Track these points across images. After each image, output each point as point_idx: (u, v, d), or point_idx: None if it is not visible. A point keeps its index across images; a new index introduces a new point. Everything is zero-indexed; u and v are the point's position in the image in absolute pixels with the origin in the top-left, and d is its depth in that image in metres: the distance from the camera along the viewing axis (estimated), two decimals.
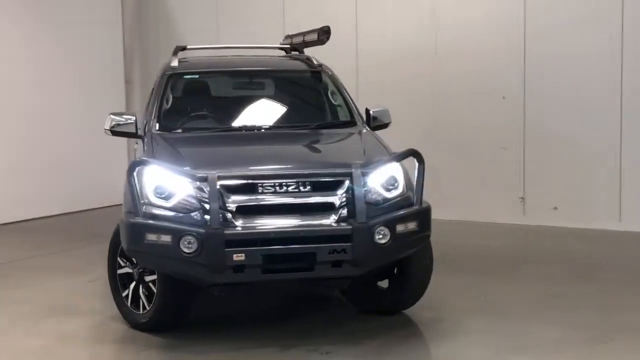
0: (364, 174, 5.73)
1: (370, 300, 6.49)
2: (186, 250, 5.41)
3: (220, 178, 5.53)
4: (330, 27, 7.75)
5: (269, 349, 5.72)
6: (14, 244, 9.92)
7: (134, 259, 5.99)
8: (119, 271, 6.26)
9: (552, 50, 10.17)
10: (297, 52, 8.12)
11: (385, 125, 7.24)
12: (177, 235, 5.42)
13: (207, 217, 5.49)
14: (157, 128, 6.72)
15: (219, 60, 7.84)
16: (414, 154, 5.94)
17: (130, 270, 6.18)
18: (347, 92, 7.30)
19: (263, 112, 7.20)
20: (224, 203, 5.54)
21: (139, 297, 6.15)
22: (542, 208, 10.38)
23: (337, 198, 5.67)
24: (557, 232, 9.92)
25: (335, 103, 7.23)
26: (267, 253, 5.45)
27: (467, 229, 10.32)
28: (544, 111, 10.32)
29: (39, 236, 10.39)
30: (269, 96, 7.48)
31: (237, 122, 7.02)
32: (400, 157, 5.97)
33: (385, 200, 5.85)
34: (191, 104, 7.15)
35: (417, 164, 5.90)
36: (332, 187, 5.68)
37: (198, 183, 5.55)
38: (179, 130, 6.78)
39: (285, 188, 5.64)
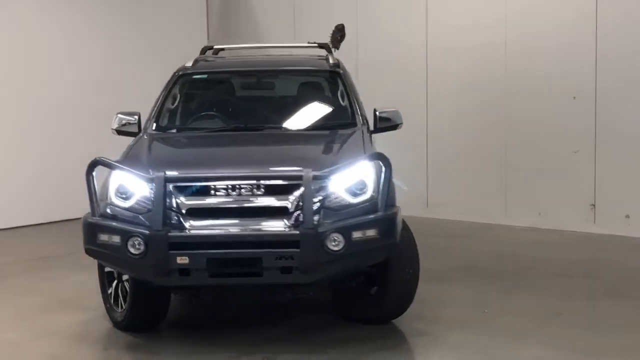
0: (320, 178, 5.52)
1: (355, 308, 6.27)
2: (133, 252, 5.41)
3: (169, 179, 5.50)
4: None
5: (222, 355, 5.63)
6: (59, 240, 10.23)
7: None
8: (106, 269, 6.34)
9: (625, 48, 9.49)
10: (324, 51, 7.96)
11: (395, 127, 6.98)
12: (125, 236, 5.43)
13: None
14: (153, 128, 6.78)
15: (237, 60, 7.83)
16: (379, 157, 5.68)
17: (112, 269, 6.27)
18: (355, 92, 7.08)
19: (261, 113, 7.12)
20: (177, 205, 5.50)
21: (119, 295, 6.22)
22: (613, 216, 9.71)
23: (290, 202, 5.50)
24: (628, 243, 9.24)
25: (342, 104, 7.03)
26: (211, 257, 5.35)
27: (531, 236, 9.78)
28: (616, 113, 9.65)
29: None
30: (273, 97, 7.41)
31: (231, 123, 6.97)
32: (367, 159, 5.71)
33: (350, 205, 5.62)
34: (193, 105, 7.18)
35: (383, 168, 5.64)
36: (285, 191, 5.52)
37: (151, 184, 5.53)
38: (173, 130, 6.81)
39: (238, 191, 5.53)
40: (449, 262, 8.39)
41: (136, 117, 6.84)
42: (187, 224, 5.48)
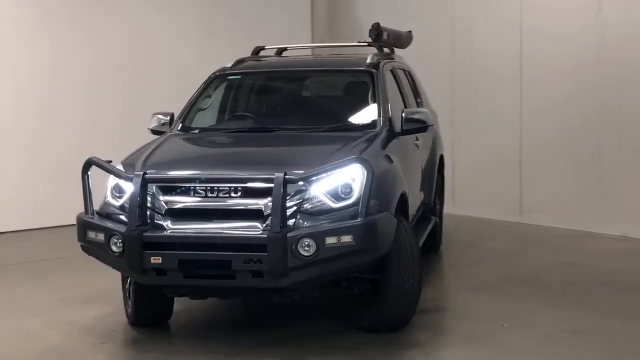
0: (295, 181, 5.42)
1: (358, 316, 6.12)
2: (114, 250, 5.55)
3: (149, 180, 5.58)
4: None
5: (203, 357, 5.68)
6: None
7: None
8: None
9: None
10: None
11: (424, 129, 6.74)
12: (108, 234, 5.58)
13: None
14: (178, 128, 6.91)
15: (274, 61, 7.78)
16: (360, 161, 5.50)
17: None
18: (384, 93, 6.86)
19: (281, 114, 7.11)
20: (158, 205, 5.58)
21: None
22: None
23: (264, 205, 5.44)
24: None
25: (368, 105, 6.85)
26: (183, 258, 5.39)
27: (616, 246, 9.07)
28: None
29: None
30: (299, 97, 7.33)
31: (249, 124, 6.99)
32: (342, 165, 5.54)
33: (332, 210, 5.49)
34: (220, 105, 7.23)
35: (364, 173, 5.46)
36: (260, 194, 5.46)
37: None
38: (196, 131, 6.90)
39: (216, 193, 5.53)
40: (507, 270, 8.02)
41: (169, 117, 6.98)
42: (165, 224, 5.55)
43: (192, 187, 5.58)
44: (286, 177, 5.37)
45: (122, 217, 5.65)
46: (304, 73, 7.44)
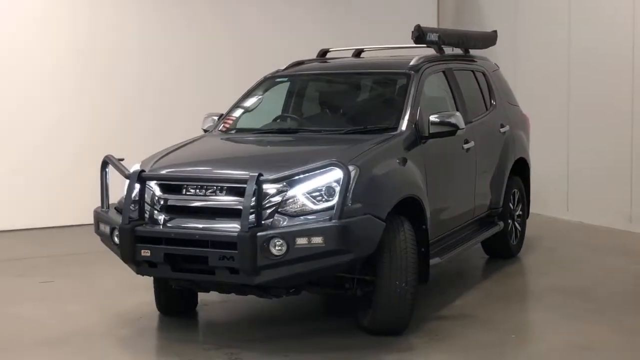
0: (269, 182, 5.58)
1: (359, 317, 6.19)
2: (116, 241, 5.98)
3: (144, 177, 5.95)
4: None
5: (199, 346, 6.01)
6: None
7: None
8: None
9: None
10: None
11: (452, 132, 6.64)
12: (111, 227, 6.03)
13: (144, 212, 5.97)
14: (220, 128, 7.25)
15: (322, 64, 7.87)
16: (336, 164, 5.56)
17: None
18: (417, 96, 6.79)
19: (313, 116, 7.26)
20: (155, 200, 5.95)
21: None
22: None
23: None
24: None
25: (398, 107, 6.81)
26: (168, 252, 5.71)
27: None
28: None
29: None
30: (334, 100, 7.42)
31: (278, 126, 7.20)
32: (319, 167, 5.62)
33: (312, 211, 5.61)
34: (261, 107, 7.46)
35: (342, 175, 5.53)
36: (241, 193, 5.67)
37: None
38: (233, 132, 7.20)
39: (204, 191, 5.81)
40: (562, 280, 7.70)
41: (216, 117, 7.35)
42: (159, 220, 5.89)
43: (184, 185, 5.88)
44: (260, 177, 5.54)
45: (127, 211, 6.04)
46: (343, 76, 7.53)
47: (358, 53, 8.53)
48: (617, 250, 8.96)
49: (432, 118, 6.56)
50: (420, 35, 7.30)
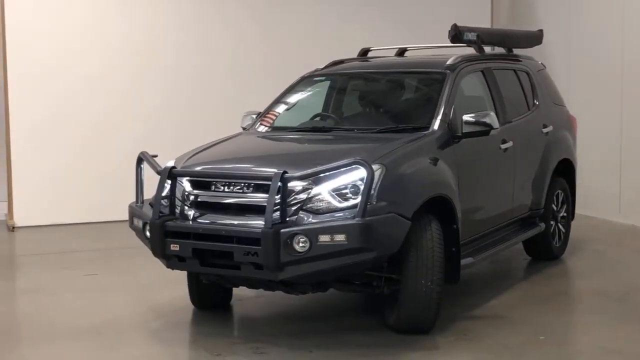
0: (293, 179, 5.64)
1: (386, 315, 6.21)
2: (148, 235, 6.12)
3: (175, 173, 6.07)
4: None
5: (226, 341, 6.10)
6: None
7: None
8: None
9: None
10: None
11: (486, 132, 6.61)
12: (143, 222, 6.16)
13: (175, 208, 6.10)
14: (256, 126, 7.34)
15: (360, 63, 7.89)
16: (359, 163, 5.59)
17: None
18: (452, 95, 6.76)
19: (347, 115, 7.28)
20: (187, 196, 6.06)
21: None
22: None
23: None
24: None
25: (432, 106, 6.79)
26: (195, 247, 5.81)
27: None
28: None
29: None
30: (369, 99, 7.44)
31: (313, 124, 7.22)
32: (343, 165, 5.65)
33: (336, 209, 5.65)
34: (302, 105, 7.52)
35: (366, 174, 5.56)
36: (267, 190, 5.73)
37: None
38: (270, 129, 7.28)
39: (232, 187, 5.90)
40: (603, 284, 7.54)
41: (255, 115, 7.44)
42: (189, 215, 6.00)
43: (213, 182, 5.98)
44: (285, 175, 5.60)
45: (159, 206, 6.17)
46: (379, 75, 7.54)
47: (401, 52, 8.52)
48: None
49: (466, 117, 6.53)
50: (457, 35, 7.28)
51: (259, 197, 5.78)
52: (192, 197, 6.03)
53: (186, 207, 6.03)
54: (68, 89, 10.78)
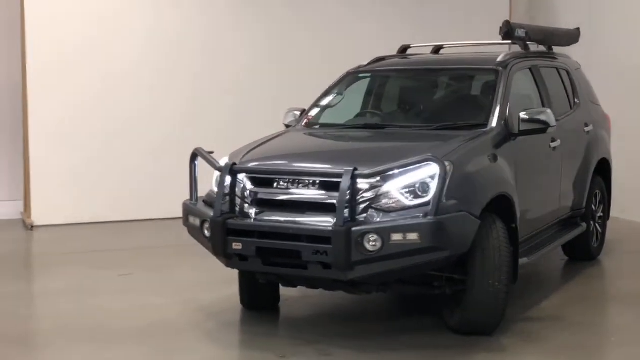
0: (365, 177, 5.51)
1: (447, 316, 6.09)
2: (206, 234, 5.95)
3: (236, 170, 5.92)
4: None
5: (283, 342, 5.97)
6: None
7: None
8: None
9: None
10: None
11: (542, 130, 6.52)
12: (201, 219, 6.00)
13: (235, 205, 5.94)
14: (303, 122, 7.19)
15: (404, 60, 7.76)
16: (432, 160, 5.47)
17: None
18: (507, 93, 6.66)
19: (400, 112, 7.19)
20: (246, 194, 5.91)
21: None
22: None
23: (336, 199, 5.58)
24: None
25: (487, 104, 6.70)
26: (260, 245, 5.67)
27: None
28: None
29: None
30: (421, 96, 7.32)
31: (365, 121, 7.11)
32: (414, 162, 5.54)
33: (405, 207, 5.52)
34: (347, 102, 7.38)
35: (438, 171, 5.44)
36: (334, 188, 5.60)
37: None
38: (317, 127, 7.14)
39: (296, 185, 5.76)
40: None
41: (298, 112, 7.29)
42: (250, 213, 5.85)
43: (275, 179, 5.84)
44: (355, 172, 5.47)
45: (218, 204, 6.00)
46: (429, 72, 7.42)
47: (437, 50, 8.42)
48: None
49: (523, 115, 6.44)
50: (509, 31, 7.18)
51: (326, 195, 5.64)
52: (252, 194, 5.88)
53: (246, 205, 5.89)
54: (89, 85, 10.55)
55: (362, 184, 5.55)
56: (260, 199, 5.87)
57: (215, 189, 6.21)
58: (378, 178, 5.57)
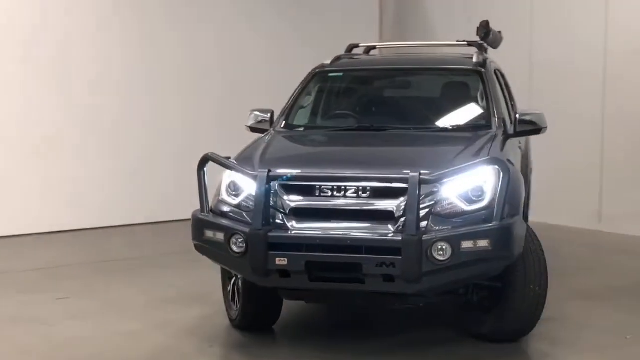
0: (428, 182, 5.17)
1: (478, 324, 5.85)
2: (236, 250, 5.30)
3: (273, 177, 5.35)
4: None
5: None
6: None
7: None
8: None
9: None
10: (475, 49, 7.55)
11: (538, 131, 6.47)
12: (228, 233, 5.33)
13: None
14: (282, 125, 6.68)
15: (376, 59, 7.58)
16: (496, 162, 5.25)
17: None
18: (495, 93, 6.63)
19: (390, 113, 6.87)
20: (281, 204, 5.35)
21: (235, 293, 6.15)
22: None
23: (396, 206, 5.19)
24: None
25: (480, 105, 6.61)
26: (310, 260, 5.15)
27: None
28: None
29: None
30: (406, 96, 7.14)
31: (358, 122, 6.73)
32: (481, 165, 5.30)
33: (464, 212, 5.24)
34: (324, 103, 7.01)
35: (501, 175, 5.21)
36: (392, 194, 5.22)
37: (254, 181, 5.41)
38: (301, 129, 6.69)
39: (343, 192, 5.29)
40: (607, 280, 7.73)
41: (269, 114, 6.74)
42: (289, 225, 5.31)
43: (317, 186, 5.33)
44: (421, 177, 5.12)
45: (244, 216, 5.41)
46: (409, 71, 7.20)
47: (368, 50, 8.20)
48: (619, 250, 9.12)
49: (519, 116, 6.38)
50: (487, 33, 7.12)
51: (381, 202, 5.24)
52: (289, 204, 5.34)
53: (282, 216, 5.33)
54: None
55: (423, 189, 5.20)
56: (298, 209, 5.34)
57: (227, 199, 5.60)
58: (436, 183, 5.25)
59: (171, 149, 10.89)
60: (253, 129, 6.82)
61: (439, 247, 5.03)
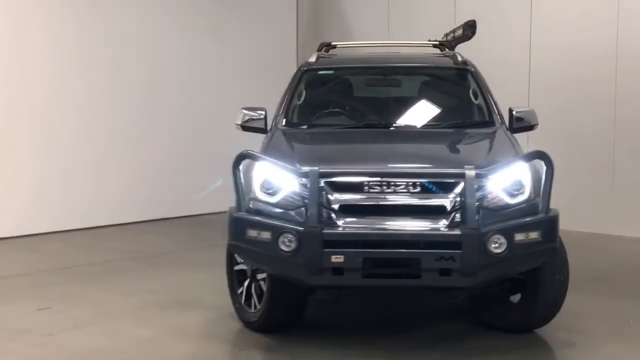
0: (481, 176, 5.24)
1: (497, 315, 5.98)
2: (285, 249, 5.16)
3: (323, 174, 5.25)
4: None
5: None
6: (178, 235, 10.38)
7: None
8: (236, 268, 6.12)
9: None
10: (446, 49, 7.67)
11: (530, 127, 6.66)
12: (277, 232, 5.18)
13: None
14: (283, 123, 6.56)
15: (362, 57, 7.55)
16: (541, 156, 5.38)
17: (245, 267, 6.04)
18: (489, 91, 6.81)
19: (394, 110, 6.90)
20: (328, 201, 5.25)
21: (252, 295, 5.98)
22: None
23: (449, 201, 5.23)
24: None
25: (475, 102, 6.75)
26: (368, 256, 5.10)
27: None
28: None
29: (202, 230, 10.72)
30: (403, 93, 7.17)
31: (365, 119, 6.74)
32: (526, 159, 5.43)
33: (508, 206, 5.34)
34: (322, 100, 6.97)
35: (544, 168, 5.34)
36: (444, 188, 5.25)
37: (302, 179, 5.29)
38: (304, 127, 6.59)
39: (393, 188, 5.26)
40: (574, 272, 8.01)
41: (262, 113, 6.58)
42: (340, 222, 5.23)
43: (366, 183, 5.27)
44: (477, 171, 5.18)
45: (288, 214, 5.29)
46: (402, 69, 7.21)
47: (327, 45, 8.17)
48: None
49: (516, 113, 6.56)
50: (474, 32, 7.25)
51: (433, 197, 5.25)
52: (338, 201, 5.25)
53: (330, 213, 5.24)
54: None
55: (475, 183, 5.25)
56: (348, 206, 5.26)
57: (263, 197, 5.44)
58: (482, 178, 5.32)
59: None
60: (245, 128, 6.64)
61: (496, 240, 5.09)
